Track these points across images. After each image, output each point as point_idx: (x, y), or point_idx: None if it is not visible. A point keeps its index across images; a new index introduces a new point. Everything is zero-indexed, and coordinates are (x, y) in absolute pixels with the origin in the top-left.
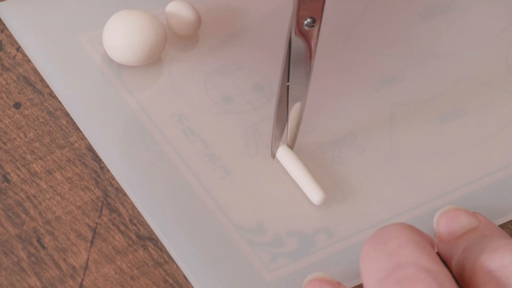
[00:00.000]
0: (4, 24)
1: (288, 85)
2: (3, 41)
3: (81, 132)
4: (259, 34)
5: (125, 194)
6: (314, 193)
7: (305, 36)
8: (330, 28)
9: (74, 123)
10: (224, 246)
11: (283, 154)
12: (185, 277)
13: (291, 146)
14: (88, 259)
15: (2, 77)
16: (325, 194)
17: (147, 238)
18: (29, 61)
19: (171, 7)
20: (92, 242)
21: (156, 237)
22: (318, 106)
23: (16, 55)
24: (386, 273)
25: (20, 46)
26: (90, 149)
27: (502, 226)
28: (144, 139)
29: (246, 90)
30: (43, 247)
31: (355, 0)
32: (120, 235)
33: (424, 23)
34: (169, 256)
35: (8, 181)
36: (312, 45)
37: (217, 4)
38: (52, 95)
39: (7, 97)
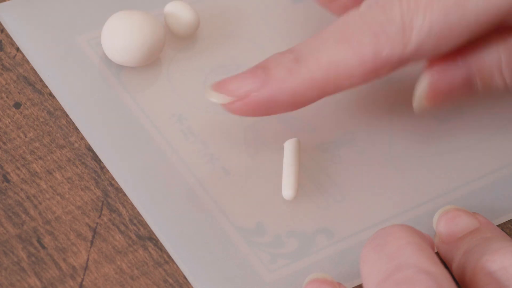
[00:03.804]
0: (3, 25)
1: None
2: (3, 41)
3: (81, 132)
4: (258, 34)
5: (125, 194)
6: (286, 188)
7: None
8: None
9: (74, 123)
10: (224, 246)
11: (289, 144)
12: (185, 277)
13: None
14: (88, 259)
15: (2, 77)
16: (295, 193)
17: (147, 238)
18: (29, 61)
19: (169, 8)
20: (92, 242)
21: (156, 237)
22: (317, 105)
23: (16, 55)
24: (386, 275)
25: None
26: (90, 149)
27: (502, 225)
28: (143, 139)
29: None
30: (43, 247)
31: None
32: (120, 235)
33: None
34: (169, 256)
35: (8, 181)
36: None
37: (216, 4)
38: (52, 95)
39: (7, 97)
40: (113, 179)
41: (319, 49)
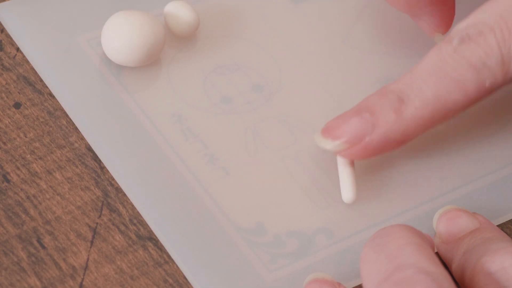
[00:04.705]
0: (3, 25)
1: None
2: (3, 41)
3: (81, 132)
4: (258, 34)
5: (125, 194)
6: (346, 192)
7: None
8: (328, 27)
9: (74, 123)
10: (224, 246)
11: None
12: (185, 277)
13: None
14: (88, 259)
15: (2, 77)
16: (355, 196)
17: (147, 238)
18: (28, 61)
19: (169, 8)
20: (92, 242)
21: (156, 237)
22: (317, 106)
23: (16, 55)
24: (386, 275)
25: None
26: (90, 149)
27: (502, 225)
28: (143, 139)
29: (245, 91)
30: (43, 247)
31: None
32: (120, 235)
33: None
34: (169, 256)
35: (8, 181)
36: None
37: (216, 4)
38: (52, 95)
39: (7, 97)
40: (113, 179)
41: (422, 88)
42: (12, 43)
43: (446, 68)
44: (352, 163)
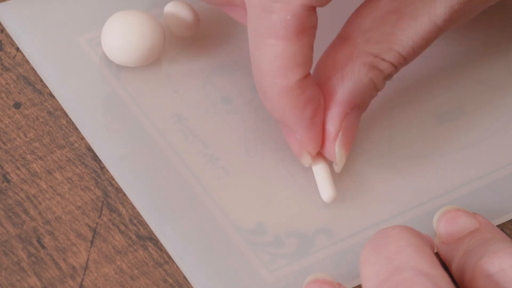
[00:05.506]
0: (3, 25)
1: None
2: (3, 41)
3: (81, 132)
4: None
5: (125, 194)
6: (324, 191)
7: None
8: (328, 27)
9: (74, 123)
10: (224, 246)
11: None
12: (185, 277)
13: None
14: (88, 259)
15: (2, 77)
16: (335, 193)
17: (147, 238)
18: (28, 61)
19: (169, 8)
20: (92, 242)
21: (156, 237)
22: None
23: (16, 55)
24: (384, 277)
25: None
26: (90, 149)
27: (502, 226)
28: (143, 139)
29: (245, 91)
30: (43, 247)
31: (354, 0)
32: (120, 235)
33: None
34: (169, 256)
35: (8, 181)
36: None
37: None
38: (52, 95)
39: (7, 97)
40: (113, 179)
41: None
42: (12, 43)
43: None
44: (325, 161)
